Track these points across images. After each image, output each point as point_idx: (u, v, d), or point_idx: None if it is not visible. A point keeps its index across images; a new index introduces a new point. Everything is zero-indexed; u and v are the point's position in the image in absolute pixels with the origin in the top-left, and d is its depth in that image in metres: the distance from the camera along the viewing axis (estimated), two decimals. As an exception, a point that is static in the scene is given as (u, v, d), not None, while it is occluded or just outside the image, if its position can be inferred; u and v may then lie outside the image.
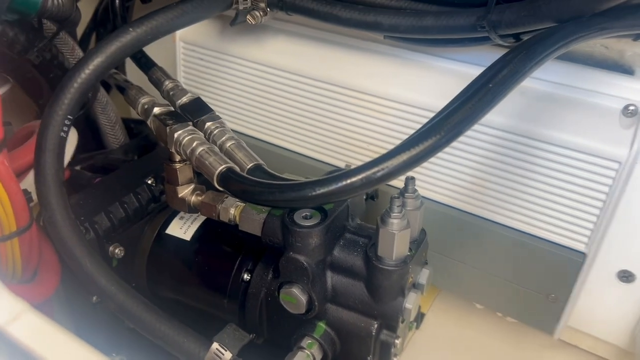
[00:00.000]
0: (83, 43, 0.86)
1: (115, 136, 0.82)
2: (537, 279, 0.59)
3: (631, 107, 0.52)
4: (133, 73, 0.76)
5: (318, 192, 0.37)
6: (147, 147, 0.85)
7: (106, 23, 0.83)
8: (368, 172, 0.37)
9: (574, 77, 0.55)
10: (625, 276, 0.60)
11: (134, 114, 0.91)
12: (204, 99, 0.56)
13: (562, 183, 0.54)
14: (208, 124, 0.52)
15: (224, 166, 0.45)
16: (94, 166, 0.75)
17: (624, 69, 0.55)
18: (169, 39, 0.74)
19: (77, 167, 0.73)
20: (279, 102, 0.68)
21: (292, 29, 0.68)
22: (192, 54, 0.73)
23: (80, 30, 0.83)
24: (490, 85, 0.37)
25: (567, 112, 0.54)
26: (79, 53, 0.71)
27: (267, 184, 0.41)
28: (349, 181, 0.37)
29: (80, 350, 0.38)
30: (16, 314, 0.31)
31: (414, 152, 0.36)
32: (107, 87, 0.82)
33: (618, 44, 0.53)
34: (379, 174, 0.37)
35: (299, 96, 0.66)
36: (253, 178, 0.44)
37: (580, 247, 0.56)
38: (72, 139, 0.64)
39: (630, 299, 0.61)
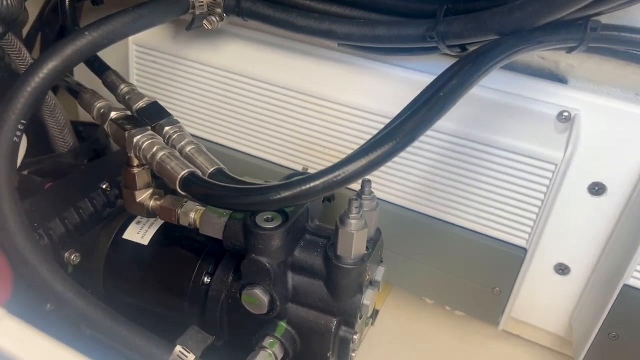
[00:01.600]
0: (28, 43, 0.83)
1: (64, 140, 0.80)
2: (483, 273, 0.63)
3: (565, 113, 0.57)
4: (82, 75, 0.75)
5: (282, 195, 0.39)
6: (97, 151, 0.83)
7: (53, 23, 0.81)
8: (329, 176, 0.39)
9: (513, 85, 0.59)
10: (562, 269, 0.66)
11: (82, 117, 0.90)
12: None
13: (504, 184, 0.58)
14: (167, 128, 0.52)
15: (186, 171, 0.45)
16: (42, 170, 0.73)
17: (559, 78, 0.59)
18: (122, 41, 0.74)
19: (25, 172, 0.71)
20: (234, 106, 0.69)
21: (248, 34, 0.69)
22: (145, 57, 0.72)
23: (24, 30, 0.80)
24: (441, 94, 0.40)
25: (508, 118, 0.58)
26: (26, 54, 0.69)
27: (231, 188, 0.42)
28: (311, 185, 0.39)
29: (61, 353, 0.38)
30: None
31: (371, 157, 0.38)
32: (55, 90, 0.80)
33: (553, 56, 0.57)
34: (339, 177, 0.38)
35: (255, 100, 0.68)
36: (217, 182, 0.45)
37: (522, 242, 0.60)
38: (22, 143, 0.62)
39: (566, 290, 0.66)
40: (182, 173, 0.45)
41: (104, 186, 0.62)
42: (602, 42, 0.47)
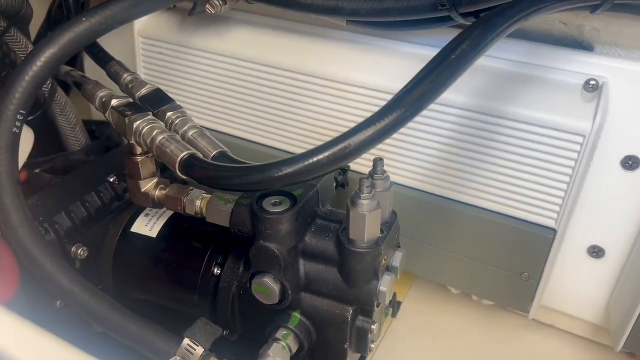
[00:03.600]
0: (38, 43, 0.83)
1: (76, 138, 0.79)
2: (509, 258, 0.60)
3: (592, 82, 0.53)
4: (92, 72, 0.74)
5: (285, 172, 0.36)
6: (109, 148, 0.82)
7: (61, 21, 0.80)
8: (335, 149, 0.36)
9: (536, 55, 0.56)
10: (596, 252, 0.61)
11: (95, 116, 0.89)
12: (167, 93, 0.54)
13: (528, 160, 0.54)
14: (169, 114, 0.50)
15: (186, 153, 0.43)
16: (54, 169, 0.72)
17: (584, 46, 0.55)
18: (127, 34, 0.73)
19: (37, 170, 0.71)
20: (244, 94, 0.67)
21: (254, 20, 0.67)
22: (152, 49, 0.71)
23: (35, 31, 0.80)
24: (453, 57, 0.37)
25: (530, 90, 0.54)
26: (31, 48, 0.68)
27: (231, 168, 0.40)
28: (315, 159, 0.36)
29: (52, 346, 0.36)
30: None
31: (379, 126, 0.36)
32: (67, 89, 0.80)
33: (576, 20, 0.53)
34: (346, 150, 0.36)
35: (264, 87, 0.65)
36: (216, 163, 0.43)
37: (550, 223, 0.56)
38: (28, 138, 0.61)
39: (602, 274, 0.62)
40: (182, 155, 0.43)
41: (112, 180, 0.60)
42: (629, -2, 0.43)
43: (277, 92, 0.65)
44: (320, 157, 0.36)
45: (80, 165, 0.67)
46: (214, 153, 0.46)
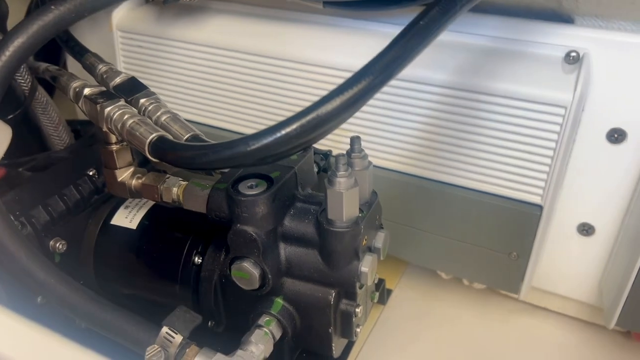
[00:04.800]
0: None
1: (59, 137, 0.78)
2: (497, 238, 0.59)
3: (572, 54, 0.52)
4: (75, 69, 0.73)
5: (253, 146, 0.35)
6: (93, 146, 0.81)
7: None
8: (302, 120, 0.35)
9: (515, 30, 0.55)
10: (585, 229, 0.60)
11: (80, 115, 0.89)
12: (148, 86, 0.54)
13: (510, 135, 0.53)
14: (142, 100, 0.50)
15: (154, 134, 0.42)
16: (35, 167, 0.71)
17: (564, 18, 0.55)
18: (105, 28, 0.72)
19: (20, 169, 0.70)
20: (223, 82, 0.66)
21: (230, 8, 0.67)
22: (130, 42, 0.70)
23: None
24: (421, 24, 0.36)
25: (510, 64, 0.53)
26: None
27: (199, 146, 0.39)
28: (283, 132, 0.35)
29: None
30: None
31: (347, 95, 0.35)
32: (49, 89, 0.79)
33: (554, -8, 0.53)
34: (315, 120, 0.35)
35: (244, 74, 0.65)
36: (184, 143, 0.42)
37: (536, 199, 0.55)
38: (5, 134, 0.60)
39: (592, 252, 0.61)
40: (151, 137, 0.42)
41: (91, 173, 0.59)
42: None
43: (258, 80, 0.64)
44: (288, 129, 0.35)
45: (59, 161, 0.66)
46: (186, 136, 0.46)
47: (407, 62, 0.36)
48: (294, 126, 0.35)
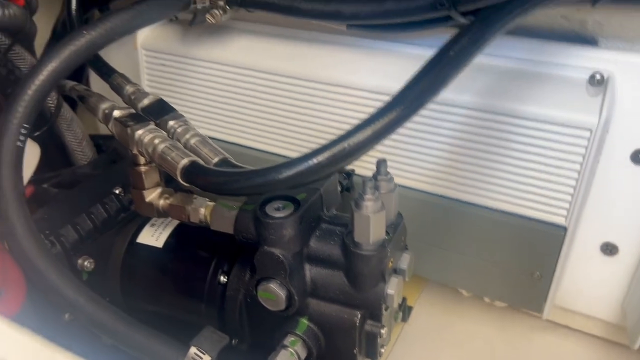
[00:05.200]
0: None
1: (83, 153, 0.80)
2: (520, 258, 0.59)
3: (597, 76, 0.52)
4: (97, 86, 0.75)
5: (285, 174, 0.36)
6: (116, 161, 0.83)
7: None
8: (334, 149, 0.36)
9: (538, 51, 0.55)
10: (609, 249, 0.60)
11: (102, 130, 0.90)
12: (171, 105, 0.54)
13: (535, 157, 0.54)
14: (171, 122, 0.51)
15: (186, 159, 0.43)
16: (60, 183, 0.73)
17: (587, 40, 0.55)
18: (130, 47, 0.73)
19: (44, 185, 0.71)
20: (247, 101, 0.67)
21: (255, 28, 0.68)
22: (154, 61, 0.71)
23: (40, 48, 0.81)
24: (451, 54, 0.37)
25: (535, 86, 0.54)
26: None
27: (232, 173, 0.39)
28: (315, 160, 0.36)
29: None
30: None
31: (378, 125, 0.35)
32: (73, 104, 0.80)
33: (578, 14, 0.53)
34: (346, 150, 0.35)
35: (267, 94, 0.65)
36: (217, 168, 0.43)
37: (560, 220, 0.55)
38: (34, 152, 0.61)
39: (616, 272, 0.61)
40: (183, 162, 0.43)
41: (117, 191, 0.60)
42: (630, -13, 0.43)
43: (280, 99, 0.65)
44: (320, 158, 0.35)
45: (85, 179, 0.67)
46: (216, 160, 0.46)
47: (437, 93, 0.36)
48: (325, 155, 0.36)
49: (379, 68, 0.59)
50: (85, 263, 0.55)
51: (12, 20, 0.58)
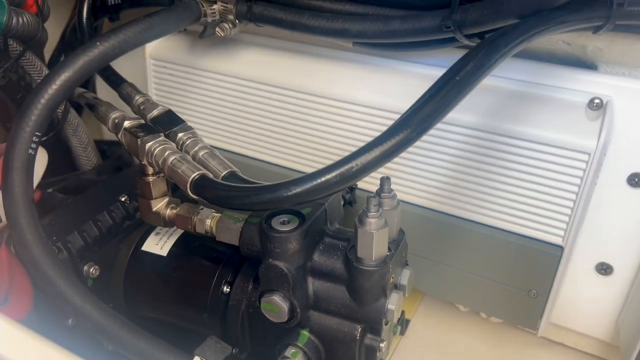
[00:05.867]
0: (51, 65, 0.85)
1: (87, 158, 0.80)
2: (517, 275, 0.60)
3: (596, 100, 0.54)
4: (103, 91, 0.76)
5: (294, 191, 0.37)
6: (120, 168, 0.83)
7: (75, 44, 0.82)
8: (342, 169, 0.37)
9: (540, 74, 0.57)
10: (604, 269, 0.61)
11: (106, 136, 0.91)
12: (177, 114, 0.55)
13: (535, 177, 0.55)
14: (180, 134, 0.52)
15: (197, 173, 0.44)
16: (66, 188, 0.73)
17: (587, 65, 0.56)
18: (139, 56, 0.74)
19: (49, 190, 0.72)
20: (252, 113, 0.68)
21: (262, 42, 0.69)
22: (162, 70, 0.73)
23: (48, 53, 0.82)
24: (457, 79, 0.38)
25: (536, 108, 0.55)
26: (45, 71, 0.70)
27: (241, 188, 0.40)
28: (324, 179, 0.37)
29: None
30: None
31: (385, 146, 0.36)
32: (79, 109, 0.81)
33: (579, 40, 0.54)
34: (353, 169, 0.37)
35: (272, 107, 0.67)
36: (227, 183, 0.44)
37: (557, 240, 0.57)
38: (42, 159, 0.62)
39: (610, 291, 0.62)
40: (193, 176, 0.44)
41: (123, 199, 0.61)
42: (630, 19, 0.44)
43: (285, 112, 0.66)
44: (328, 176, 0.37)
45: (91, 185, 0.68)
46: (224, 173, 0.47)
47: (443, 116, 0.37)
48: (334, 174, 0.37)
49: (383, 86, 0.61)
50: (91, 270, 0.55)
51: (25, 28, 0.58)
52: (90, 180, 0.77)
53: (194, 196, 0.44)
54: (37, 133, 0.49)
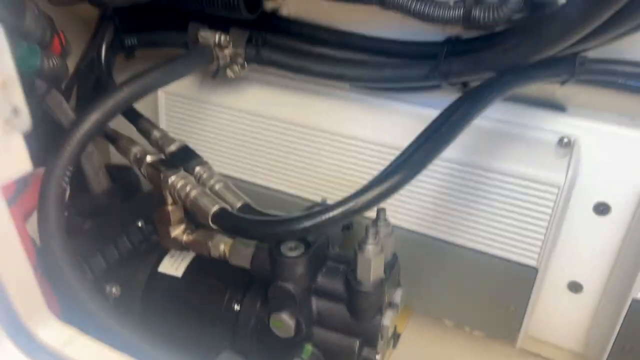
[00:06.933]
0: (65, 95, 0.90)
1: (99, 182, 0.85)
2: (497, 293, 0.66)
3: (565, 140, 0.61)
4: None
5: (304, 225, 0.43)
6: (129, 191, 0.89)
7: (88, 76, 0.88)
8: (346, 206, 0.43)
9: (515, 114, 0.63)
10: (575, 287, 0.68)
11: (113, 160, 0.96)
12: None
13: (511, 207, 0.62)
14: (197, 168, 0.58)
15: (217, 207, 0.50)
16: (80, 211, 0.79)
17: (557, 106, 0.63)
18: (151, 90, 0.80)
19: (65, 213, 0.77)
20: (258, 145, 0.74)
21: (268, 79, 0.75)
22: (173, 104, 0.79)
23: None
24: (442, 130, 0.45)
25: (511, 146, 0.62)
26: (66, 106, 0.75)
27: (259, 221, 0.47)
28: (331, 215, 0.43)
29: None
30: (68, 338, 0.35)
31: (383, 187, 0.43)
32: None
33: (550, 86, 0.62)
34: (355, 207, 0.43)
35: (277, 139, 0.73)
36: (246, 217, 0.50)
37: (532, 262, 0.63)
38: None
39: (581, 307, 0.69)
40: (214, 209, 0.50)
41: (139, 224, 0.67)
42: (591, 75, 0.52)
43: (288, 144, 0.72)
44: (335, 212, 0.43)
45: (106, 209, 0.73)
46: (239, 205, 0.54)
47: (431, 161, 0.44)
48: (340, 210, 0.43)
49: (378, 122, 0.67)
50: (113, 290, 0.61)
51: (53, 70, 0.64)
52: (102, 204, 0.82)
53: (214, 226, 0.50)
54: (69, 167, 0.55)
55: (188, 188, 0.53)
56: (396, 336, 0.69)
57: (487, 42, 0.53)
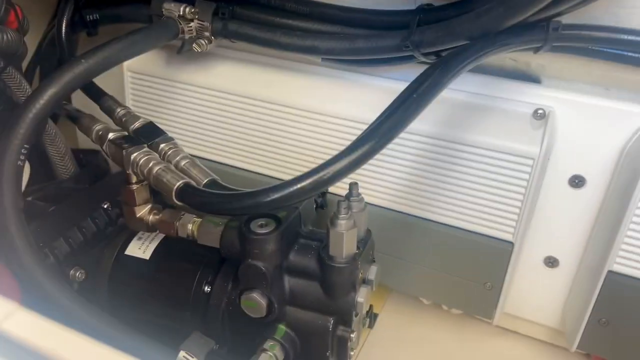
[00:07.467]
0: (27, 76, 0.86)
1: (65, 167, 0.82)
2: (474, 269, 0.66)
3: (540, 111, 0.60)
4: (78, 101, 0.78)
5: (272, 197, 0.42)
6: (97, 176, 0.86)
7: (50, 56, 0.84)
8: (316, 176, 0.41)
9: (490, 87, 0.62)
10: (551, 262, 0.68)
11: (82, 144, 0.93)
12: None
13: (486, 181, 0.61)
14: (162, 145, 0.55)
15: (181, 182, 0.48)
16: (45, 196, 0.76)
17: (532, 78, 0.63)
18: (116, 69, 0.77)
19: (29, 198, 0.74)
20: (227, 123, 0.72)
21: (237, 55, 0.73)
22: (139, 83, 0.76)
23: (23, 64, 0.84)
24: (414, 96, 0.43)
25: (486, 118, 0.61)
26: (26, 87, 0.72)
27: (223, 195, 0.45)
28: (299, 185, 0.41)
29: (75, 340, 0.39)
30: (8, 312, 0.33)
31: (353, 156, 0.41)
32: (55, 119, 0.83)
33: (524, 57, 0.61)
34: (325, 177, 0.41)
35: (246, 117, 0.71)
36: (210, 190, 0.48)
37: (508, 237, 0.63)
38: (26, 169, 0.65)
39: (557, 282, 0.68)
40: (178, 184, 0.48)
41: (105, 206, 0.64)
42: (564, 41, 0.51)
43: (258, 122, 0.70)
44: (304, 183, 0.41)
45: (72, 193, 0.70)
46: (205, 180, 0.51)
47: (403, 129, 0.43)
48: (308, 181, 0.41)
49: (350, 98, 0.66)
50: (77, 274, 0.58)
51: (8, 45, 0.61)
52: (68, 189, 0.79)
53: (179, 203, 0.48)
54: (25, 146, 0.52)
55: (151, 164, 0.51)
56: (373, 316, 0.67)
57: (459, 10, 0.52)
